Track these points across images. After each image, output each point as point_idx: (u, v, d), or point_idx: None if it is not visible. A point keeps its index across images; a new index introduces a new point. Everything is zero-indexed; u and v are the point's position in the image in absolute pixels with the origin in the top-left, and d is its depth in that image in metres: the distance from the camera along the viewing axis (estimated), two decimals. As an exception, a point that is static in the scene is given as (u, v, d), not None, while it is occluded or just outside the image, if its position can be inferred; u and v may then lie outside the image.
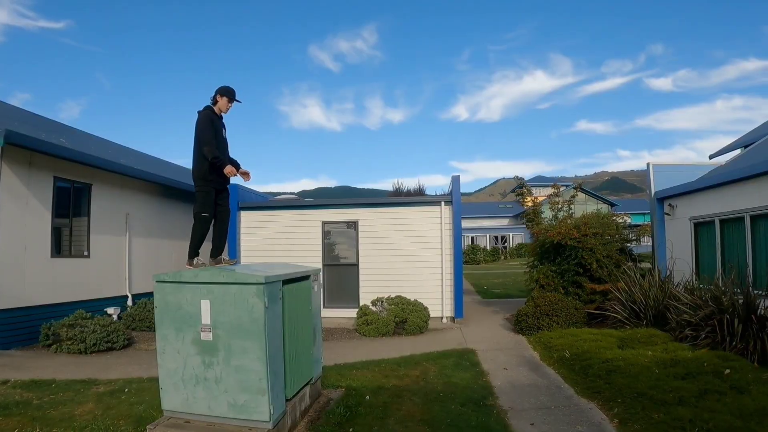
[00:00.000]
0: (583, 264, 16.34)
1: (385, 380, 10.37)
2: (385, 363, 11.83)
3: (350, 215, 18.33)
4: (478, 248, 63.84)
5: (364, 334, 15.61)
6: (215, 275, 6.64)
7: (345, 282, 18.00)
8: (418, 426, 7.87)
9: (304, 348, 7.98)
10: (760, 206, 13.31)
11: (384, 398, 9.14)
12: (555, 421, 8.29)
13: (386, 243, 17.85)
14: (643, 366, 10.12)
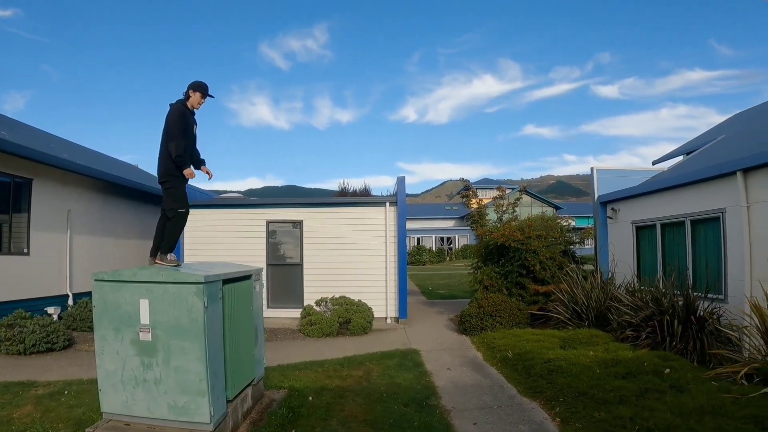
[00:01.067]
0: (526, 266, 16.49)
1: (329, 381, 10.28)
2: (329, 363, 11.74)
3: (295, 215, 18.17)
4: (424, 249, 64.00)
5: (308, 335, 15.46)
6: (154, 274, 6.49)
7: (289, 282, 17.86)
8: (360, 426, 7.84)
9: (245, 348, 7.83)
10: (700, 211, 13.57)
11: (327, 399, 9.07)
12: (497, 421, 8.34)
13: (331, 243, 17.76)
14: (585, 366, 10.23)
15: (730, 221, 12.44)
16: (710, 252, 13.32)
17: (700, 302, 11.82)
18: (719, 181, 12.82)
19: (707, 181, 13.32)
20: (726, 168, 12.49)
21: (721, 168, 12.72)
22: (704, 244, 13.59)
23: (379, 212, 17.87)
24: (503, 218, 19.17)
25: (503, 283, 16.75)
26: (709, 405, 7.81)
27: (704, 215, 13.43)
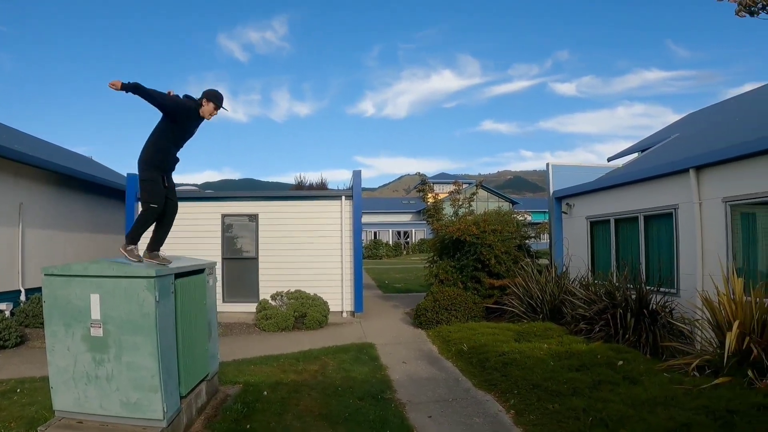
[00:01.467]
0: (482, 260, 16.53)
1: (284, 375, 10.19)
2: (284, 358, 11.65)
3: (251, 208, 17.95)
4: (381, 243, 64.07)
5: (264, 329, 15.31)
6: (105, 268, 6.33)
7: (245, 276, 17.69)
8: (316, 421, 7.78)
9: (199, 343, 7.69)
10: (654, 207, 13.80)
11: (282, 393, 8.97)
12: (452, 413, 8.36)
13: (287, 237, 17.58)
14: (539, 358, 10.30)
15: (683, 217, 12.66)
16: (663, 247, 13.52)
17: (652, 296, 11.99)
18: (672, 178, 13.03)
19: (661, 177, 13.53)
20: (679, 165, 12.71)
21: (675, 165, 12.95)
22: (657, 239, 13.79)
23: (335, 206, 17.77)
24: (459, 213, 19.27)
25: (459, 277, 16.79)
26: (662, 396, 7.90)
27: (657, 211, 13.64)
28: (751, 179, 10.87)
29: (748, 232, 11.33)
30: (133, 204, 17.36)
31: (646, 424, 7.00)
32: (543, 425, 7.64)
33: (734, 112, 17.89)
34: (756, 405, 7.13)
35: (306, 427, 7.53)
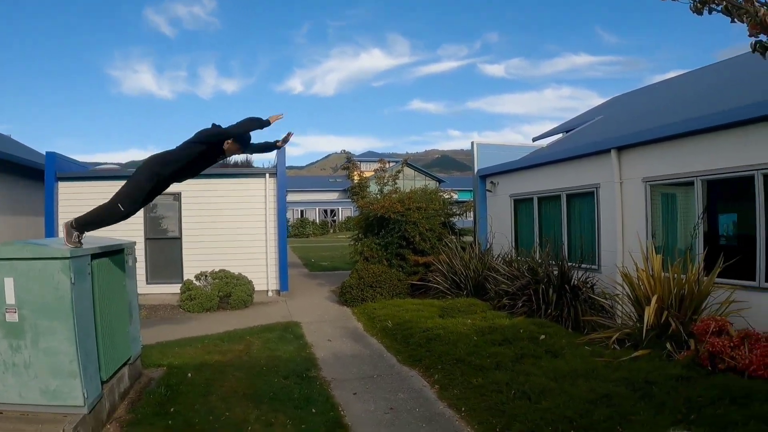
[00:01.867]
0: (406, 237, 16.57)
1: (208, 356, 10.01)
2: (209, 339, 11.42)
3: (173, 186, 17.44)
4: (308, 222, 63.73)
5: (189, 310, 14.98)
6: (18, 250, 6.02)
7: (169, 256, 17.27)
8: (240, 401, 7.70)
9: (119, 326, 7.42)
10: (576, 186, 14.05)
11: (207, 375, 8.82)
12: (377, 390, 8.39)
13: (210, 215, 17.19)
14: (463, 334, 10.36)
15: (604, 196, 12.93)
16: (585, 225, 13.78)
17: (574, 272, 12.21)
18: (595, 158, 13.28)
19: (583, 157, 13.79)
20: (601, 146, 12.97)
21: (597, 146, 13.23)
22: (579, 217, 14.05)
23: (259, 183, 17.47)
24: (384, 190, 19.22)
25: (384, 254, 16.78)
26: (583, 368, 8.02)
27: (580, 190, 13.90)
28: (669, 161, 11.18)
29: (667, 211, 11.69)
30: (52, 185, 16.68)
31: (567, 395, 7.09)
32: (466, 399, 7.71)
33: (657, 96, 18.35)
34: (674, 376, 7.30)
35: (230, 408, 7.42)
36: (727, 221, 11.05)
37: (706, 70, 18.54)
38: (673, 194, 11.62)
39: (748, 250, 9.68)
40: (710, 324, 8.10)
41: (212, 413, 7.25)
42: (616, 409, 6.54)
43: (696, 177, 10.60)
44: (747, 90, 12.16)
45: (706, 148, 10.41)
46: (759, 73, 12.40)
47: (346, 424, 7.11)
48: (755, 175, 9.41)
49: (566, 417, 6.50)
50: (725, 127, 9.91)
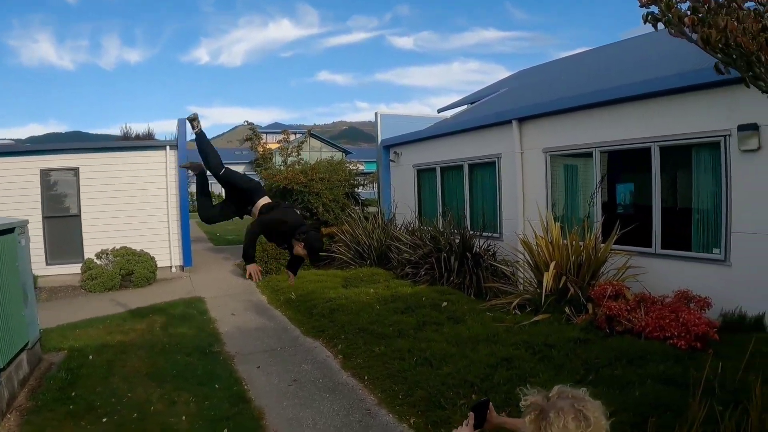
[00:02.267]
0: (310, 208, 16.52)
1: (110, 337, 9.71)
2: (111, 319, 11.04)
3: (71, 161, 16.61)
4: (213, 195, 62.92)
5: (91, 291, 14.44)
6: None
7: (69, 235, 16.57)
8: (143, 381, 7.55)
9: (13, 310, 7.02)
10: (478, 156, 14.17)
11: (108, 356, 8.60)
12: (281, 362, 8.44)
13: (110, 191, 16.54)
14: (366, 303, 10.44)
15: (505, 166, 13.07)
16: (487, 194, 13.94)
17: (476, 240, 12.41)
18: (497, 129, 13.39)
19: (486, 128, 13.88)
20: (503, 117, 13.08)
21: (499, 116, 13.33)
22: (481, 186, 14.20)
23: (160, 156, 16.88)
24: (288, 161, 19.05)
25: (287, 226, 16.58)
26: (484, 334, 8.14)
27: (482, 160, 14.02)
28: (569, 132, 11.41)
29: (567, 181, 11.96)
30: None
31: (468, 360, 7.18)
32: (369, 368, 7.78)
33: (561, 71, 18.63)
34: (572, 339, 7.47)
35: (133, 389, 7.29)
36: (625, 191, 11.44)
37: (609, 48, 19.02)
38: (572, 164, 11.88)
39: (645, 218, 10.00)
40: (607, 288, 8.33)
41: (114, 395, 7.09)
42: (516, 371, 6.66)
43: (594, 148, 10.82)
44: (647, 66, 12.49)
45: (605, 121, 10.65)
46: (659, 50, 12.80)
47: (249, 398, 7.11)
48: (652, 146, 9.68)
49: (467, 381, 6.58)
50: (623, 100, 10.16)
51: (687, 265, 9.22)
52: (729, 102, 8.39)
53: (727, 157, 8.52)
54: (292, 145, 19.85)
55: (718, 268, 8.79)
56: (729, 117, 8.40)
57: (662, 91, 9.42)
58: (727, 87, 8.29)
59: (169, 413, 6.59)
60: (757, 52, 3.33)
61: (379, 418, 6.38)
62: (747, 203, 8.33)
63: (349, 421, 6.36)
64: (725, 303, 8.14)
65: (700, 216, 9.28)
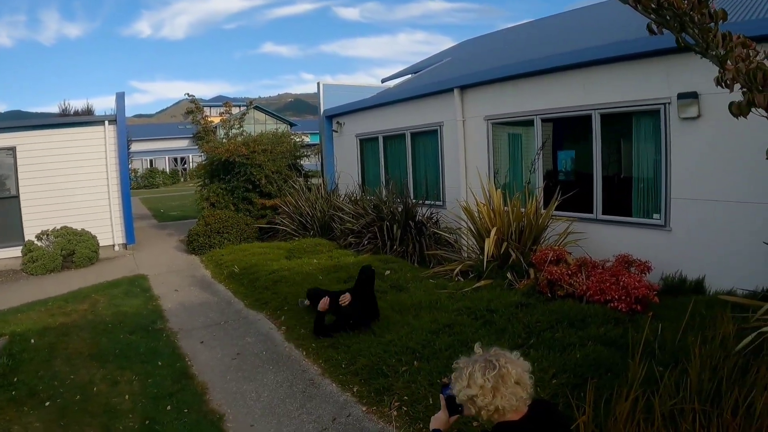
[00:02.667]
0: (252, 180, 16.34)
1: (52, 319, 9.45)
2: (53, 301, 10.75)
3: (7, 141, 15.95)
4: (157, 171, 61.65)
5: (32, 273, 14.02)
6: None
7: (7, 218, 16.08)
8: (86, 362, 7.44)
9: None
10: (420, 124, 14.16)
11: (50, 339, 8.41)
12: (224, 336, 8.44)
13: (49, 169, 16.06)
14: (308, 273, 10.44)
15: (447, 134, 13.10)
16: (429, 162, 13.96)
17: (419, 209, 12.46)
18: (439, 97, 13.37)
19: (428, 96, 13.87)
20: (445, 85, 13.07)
21: (440, 85, 13.32)
22: (424, 155, 14.21)
23: (98, 132, 16.38)
24: (230, 134, 18.81)
25: (230, 199, 16.51)
26: (427, 300, 8.20)
27: (424, 128, 14.01)
28: (511, 100, 11.47)
29: (509, 149, 12.06)
30: None
31: (410, 327, 7.22)
32: (312, 339, 7.77)
33: (505, 40, 18.75)
34: (514, 303, 7.55)
35: (75, 370, 7.17)
36: (567, 158, 11.52)
37: (554, 18, 19.25)
38: (514, 132, 11.96)
39: (587, 185, 10.14)
40: (548, 253, 8.43)
41: (57, 378, 6.97)
42: (458, 337, 6.71)
43: (536, 115, 10.90)
44: (589, 36, 12.62)
45: (546, 88, 10.70)
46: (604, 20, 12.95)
47: (192, 373, 7.07)
48: (593, 114, 9.78)
49: (409, 348, 6.62)
50: (564, 68, 10.23)
51: (628, 230, 9.41)
52: (669, 70, 8.53)
53: (666, 124, 8.67)
54: (234, 117, 19.56)
55: (658, 233, 9.01)
56: (669, 85, 8.55)
57: (602, 59, 9.50)
58: (666, 56, 8.44)
59: (112, 393, 6.50)
60: (690, 12, 3.34)
61: (322, 387, 6.38)
62: (686, 170, 8.51)
63: (293, 392, 6.34)
64: (666, 267, 8.36)
65: (640, 182, 9.46)
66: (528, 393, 2.73)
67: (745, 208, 7.81)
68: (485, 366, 2.70)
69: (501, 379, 2.65)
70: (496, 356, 2.74)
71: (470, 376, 2.71)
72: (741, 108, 3.25)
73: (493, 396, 2.65)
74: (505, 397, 2.65)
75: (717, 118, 7.88)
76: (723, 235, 8.11)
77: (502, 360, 2.71)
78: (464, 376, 2.74)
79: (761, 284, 7.30)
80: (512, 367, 2.69)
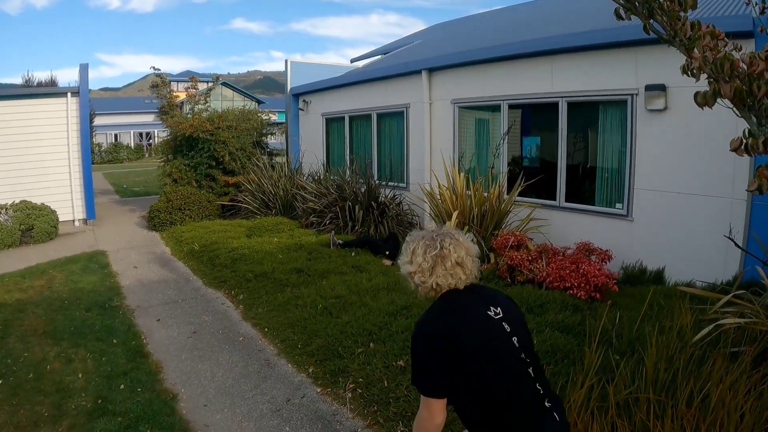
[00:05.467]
0: (216, 157, 16.17)
1: (8, 296, 9.18)
2: (9, 276, 10.44)
3: None
4: (122, 146, 60.86)
5: None
6: None
7: None
8: (40, 339, 7.29)
9: None
10: (387, 105, 14.14)
11: (5, 315, 8.18)
12: (182, 314, 8.34)
13: (8, 141, 15.53)
14: (269, 252, 10.36)
15: (413, 116, 13.09)
16: (394, 144, 13.93)
17: (383, 190, 12.49)
18: (406, 79, 13.35)
19: (395, 77, 13.85)
20: (413, 67, 13.03)
21: (408, 66, 13.29)
22: (389, 136, 14.17)
23: (60, 104, 15.97)
24: (196, 109, 18.53)
25: (193, 175, 16.31)
26: (385, 283, 8.21)
27: (390, 109, 13.98)
28: (478, 84, 11.48)
29: (474, 133, 12.10)
30: None
31: (367, 309, 7.23)
32: (270, 318, 7.76)
33: (476, 25, 18.81)
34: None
35: (29, 348, 6.97)
36: (532, 144, 11.56)
37: (526, 6, 19.32)
38: (481, 117, 12.02)
39: (551, 172, 10.22)
40: (509, 238, 8.47)
41: (10, 356, 6.78)
42: (415, 319, 6.63)
43: (503, 100, 10.91)
44: (560, 24, 12.67)
45: (514, 74, 10.73)
46: (574, 10, 12.99)
47: (147, 352, 6.95)
48: (560, 101, 9.83)
49: (365, 329, 6.61)
50: (534, 55, 10.26)
51: (590, 218, 9.51)
52: (638, 62, 8.60)
53: (633, 115, 8.75)
54: (200, 93, 19.29)
55: (620, 222, 9.12)
56: (637, 77, 8.63)
57: (572, 48, 9.56)
58: (636, 47, 8.53)
59: (66, 371, 6.35)
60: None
61: (277, 368, 6.33)
62: (651, 161, 8.60)
63: (248, 372, 6.29)
64: (627, 256, 8.49)
65: (604, 171, 9.55)
66: (469, 275, 2.84)
67: (707, 201, 7.93)
68: (428, 245, 2.81)
69: (441, 260, 2.76)
70: (442, 236, 2.84)
71: (413, 253, 2.84)
72: (707, 98, 3.24)
73: (430, 275, 2.78)
74: (441, 276, 2.77)
75: (683, 111, 8.02)
76: (684, 227, 8.23)
77: (446, 241, 2.81)
78: (408, 251, 2.88)
79: (720, 277, 7.40)
80: (455, 249, 2.79)
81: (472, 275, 2.84)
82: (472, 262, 2.84)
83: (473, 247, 2.89)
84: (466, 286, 2.84)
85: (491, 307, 2.80)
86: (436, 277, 2.76)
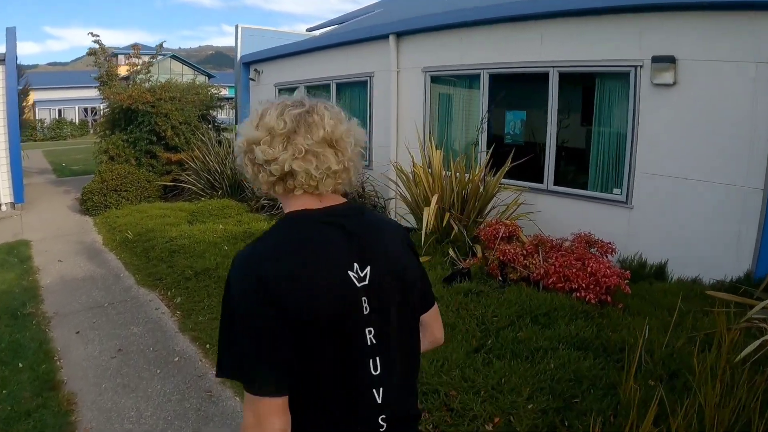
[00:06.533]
0: (157, 131, 14.62)
1: None
2: None
3: None
4: (65, 122, 58.87)
5: None
6: None
7: None
8: None
9: None
10: (347, 74, 13.08)
11: None
12: (107, 324, 6.88)
13: None
14: (212, 243, 9.13)
15: (378, 86, 12.04)
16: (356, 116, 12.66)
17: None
18: (371, 45, 12.27)
19: (358, 43, 12.74)
20: (379, 31, 11.95)
21: (373, 30, 12.26)
22: (350, 108, 12.87)
23: None
24: (137, 80, 17.00)
25: (132, 152, 14.68)
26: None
27: (352, 79, 12.92)
28: (454, 50, 10.40)
29: (450, 105, 11.06)
30: None
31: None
32: (213, 328, 6.32)
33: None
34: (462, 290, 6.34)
35: None
36: (516, 119, 10.63)
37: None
38: (457, 87, 10.96)
39: (537, 151, 9.34)
40: (499, 228, 7.16)
41: None
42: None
43: (483, 70, 9.84)
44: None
45: (497, 40, 9.67)
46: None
47: (59, 380, 5.39)
48: (550, 72, 8.78)
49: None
50: (521, 18, 9.17)
51: (583, 204, 8.58)
52: (643, 30, 7.62)
53: (636, 90, 7.75)
54: (143, 63, 17.75)
55: (618, 210, 8.20)
56: (642, 47, 7.63)
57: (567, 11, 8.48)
58: (642, 13, 7.57)
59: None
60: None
61: (221, 403, 4.94)
62: (656, 142, 7.66)
63: (184, 410, 4.84)
64: (624, 248, 7.55)
65: (601, 152, 8.56)
66: (343, 176, 1.81)
67: (717, 189, 7.06)
68: (290, 105, 1.79)
69: (305, 126, 1.74)
70: (314, 101, 1.84)
71: (261, 116, 1.81)
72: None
73: (284, 147, 1.72)
74: (300, 156, 1.71)
75: (695, 87, 7.12)
76: (691, 216, 7.34)
77: (319, 105, 1.81)
78: (254, 116, 1.84)
79: (729, 273, 6.66)
80: (330, 117, 1.78)
81: (347, 180, 1.83)
82: (355, 156, 1.83)
83: (361, 132, 1.89)
84: (331, 206, 1.81)
85: (356, 264, 1.76)
86: (292, 154, 1.71)
